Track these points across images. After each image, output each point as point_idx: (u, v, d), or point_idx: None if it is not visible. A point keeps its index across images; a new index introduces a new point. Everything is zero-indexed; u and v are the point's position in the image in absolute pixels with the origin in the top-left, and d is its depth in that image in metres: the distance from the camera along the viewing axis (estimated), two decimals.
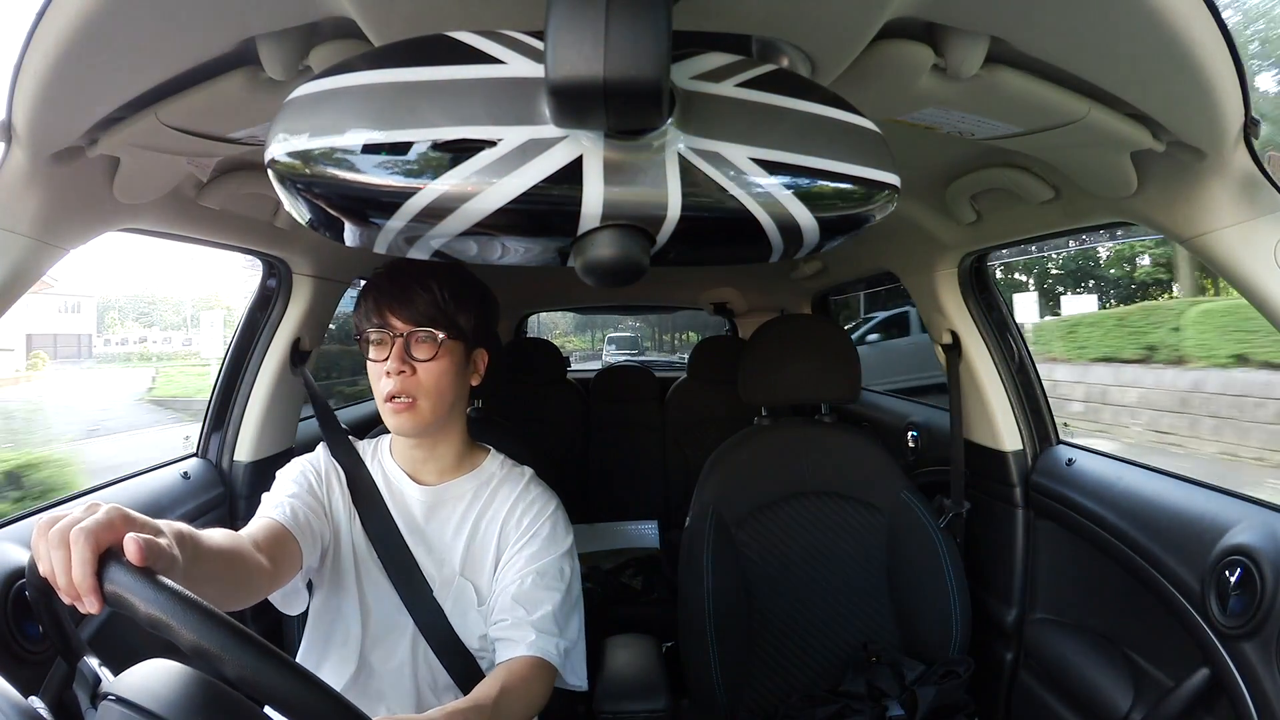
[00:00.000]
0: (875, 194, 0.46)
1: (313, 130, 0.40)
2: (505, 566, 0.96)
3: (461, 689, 0.95)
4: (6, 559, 0.83)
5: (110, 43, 0.57)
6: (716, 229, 0.45)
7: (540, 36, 0.40)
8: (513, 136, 0.40)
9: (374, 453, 1.04)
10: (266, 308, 1.42)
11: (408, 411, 0.91)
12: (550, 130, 0.41)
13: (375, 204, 0.41)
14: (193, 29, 0.58)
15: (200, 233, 1.10)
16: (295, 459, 1.02)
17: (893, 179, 0.46)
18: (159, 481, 1.23)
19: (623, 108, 0.38)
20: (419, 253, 0.46)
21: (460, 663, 0.95)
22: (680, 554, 1.32)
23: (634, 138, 0.41)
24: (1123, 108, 0.71)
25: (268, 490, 0.96)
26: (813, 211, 0.45)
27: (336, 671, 0.94)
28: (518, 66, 0.42)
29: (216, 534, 0.74)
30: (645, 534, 2.32)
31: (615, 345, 11.01)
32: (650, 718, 1.10)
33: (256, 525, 0.87)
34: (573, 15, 0.35)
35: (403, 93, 0.40)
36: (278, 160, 0.40)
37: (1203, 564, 0.95)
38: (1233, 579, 0.90)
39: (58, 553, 0.51)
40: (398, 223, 0.41)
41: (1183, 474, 1.13)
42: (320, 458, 1.02)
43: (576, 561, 1.00)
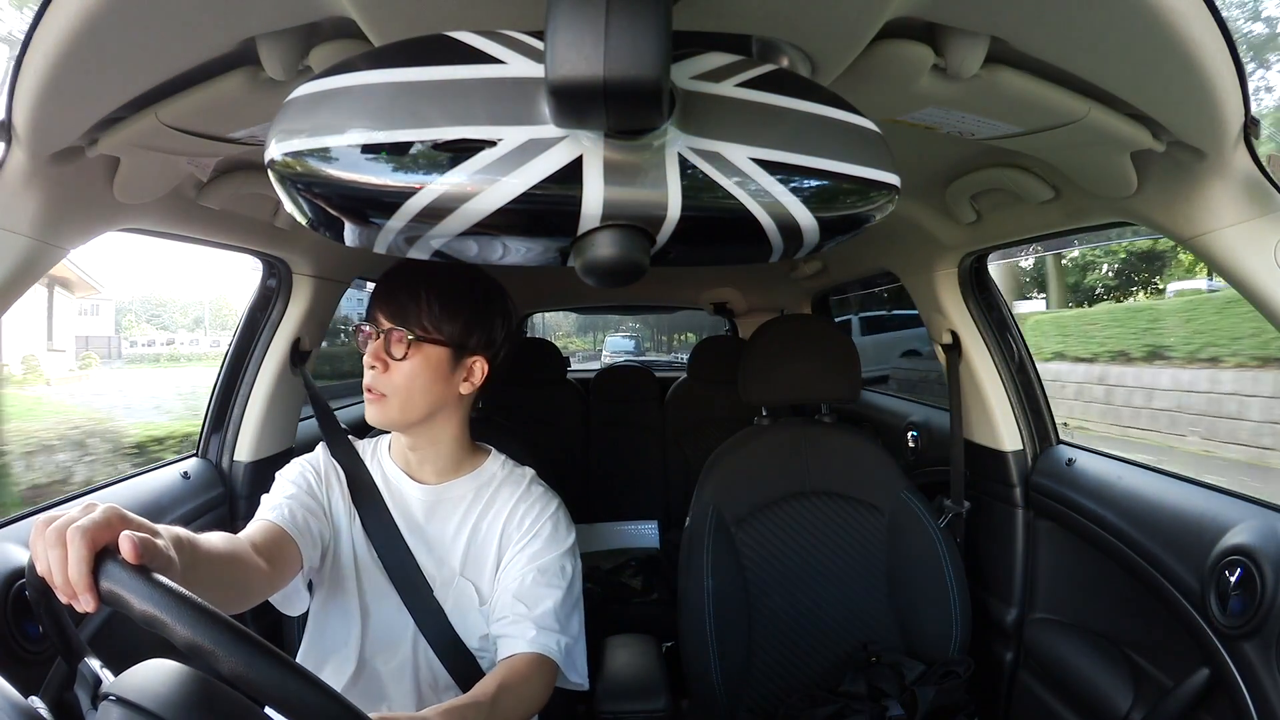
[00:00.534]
0: (875, 194, 0.46)
1: (313, 130, 0.40)
2: (507, 566, 0.96)
3: (462, 689, 0.95)
4: (6, 559, 0.83)
5: (110, 43, 0.57)
6: (716, 229, 0.45)
7: (540, 36, 0.40)
8: (513, 136, 0.40)
9: (373, 452, 1.04)
10: (266, 308, 1.42)
11: (377, 404, 0.93)
12: (550, 130, 0.41)
13: (375, 204, 0.41)
14: (193, 29, 0.58)
15: (200, 233, 1.10)
16: (295, 459, 1.02)
17: (893, 179, 0.46)
18: (159, 481, 1.23)
19: (623, 108, 0.38)
20: (419, 253, 0.46)
21: (460, 662, 0.95)
22: (680, 554, 1.32)
23: (634, 138, 0.41)
24: (1123, 108, 0.71)
25: (268, 490, 0.96)
26: (813, 211, 0.45)
27: (336, 671, 0.94)
28: (518, 66, 0.42)
29: (215, 538, 0.74)
30: (645, 534, 2.32)
31: (614, 347, 10.97)
32: (650, 718, 1.10)
33: (255, 528, 0.87)
34: (573, 15, 0.35)
35: (403, 93, 0.40)
36: (278, 160, 0.40)
37: (1203, 564, 0.95)
38: (1233, 579, 0.90)
39: (54, 551, 0.51)
40: (397, 223, 0.41)
41: (1183, 474, 1.13)
42: (320, 458, 1.02)
43: (578, 560, 1.00)
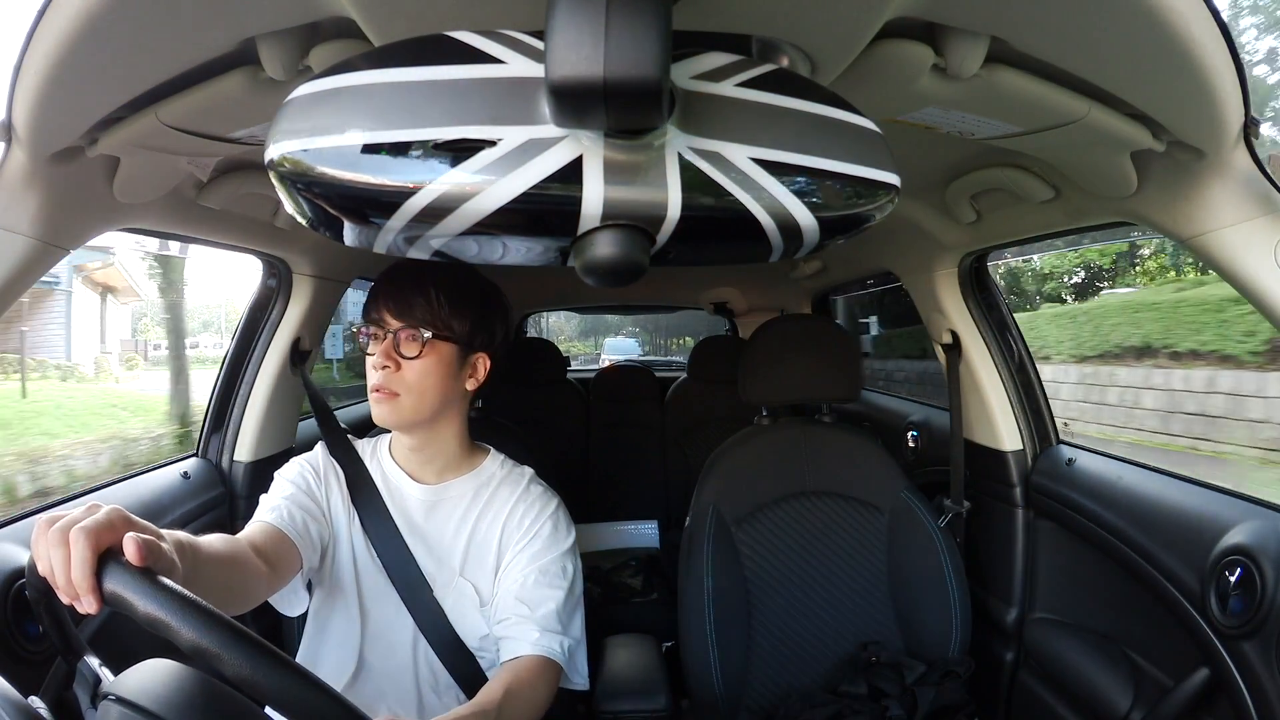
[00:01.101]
0: (875, 194, 0.46)
1: (313, 130, 0.40)
2: (507, 567, 0.96)
3: (462, 688, 0.95)
4: (6, 559, 0.83)
5: (110, 43, 0.57)
6: (716, 229, 0.45)
7: (540, 36, 0.40)
8: (513, 136, 0.40)
9: (373, 452, 1.04)
10: (266, 308, 1.42)
11: (388, 402, 0.92)
12: (550, 130, 0.41)
13: (375, 204, 0.41)
14: (193, 29, 0.58)
15: (200, 233, 1.11)
16: (293, 459, 1.02)
17: (893, 179, 0.46)
18: (159, 481, 1.23)
19: (623, 107, 0.38)
20: (419, 253, 0.46)
21: (461, 662, 0.95)
22: (680, 554, 1.32)
23: (634, 137, 0.41)
24: (1123, 108, 0.71)
25: (267, 490, 0.96)
26: (813, 211, 0.45)
27: (336, 671, 0.94)
28: (518, 66, 0.42)
29: (215, 540, 0.74)
30: (645, 534, 2.32)
31: (613, 350, 10.85)
32: (650, 718, 1.10)
33: (254, 529, 0.87)
34: (573, 15, 0.35)
35: (403, 93, 0.40)
36: (277, 160, 0.40)
37: (1203, 564, 0.95)
38: (1233, 579, 0.90)
39: (57, 552, 0.51)
40: (397, 223, 0.41)
41: (1183, 474, 1.13)
42: (319, 457, 1.02)
43: (579, 560, 1.00)
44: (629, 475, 2.59)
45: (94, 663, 0.55)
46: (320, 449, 1.03)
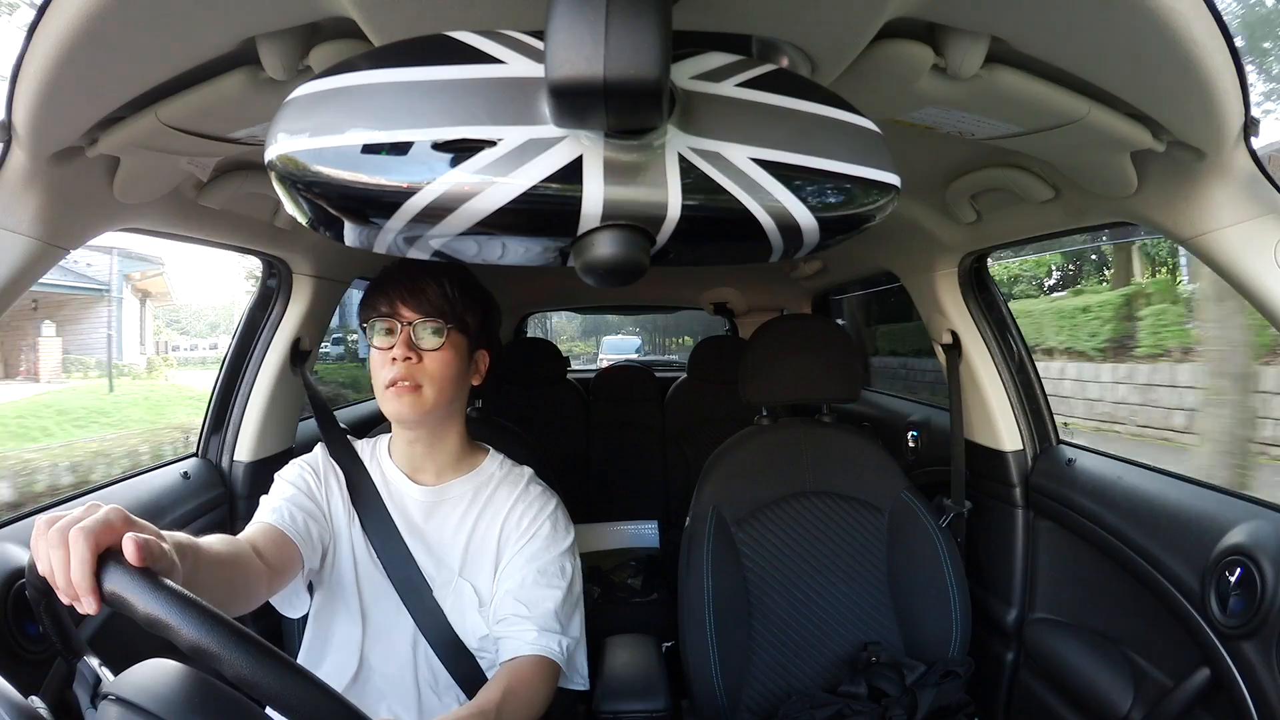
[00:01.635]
0: (875, 194, 0.46)
1: (313, 130, 0.40)
2: (506, 567, 0.96)
3: (462, 688, 0.95)
4: (6, 559, 0.83)
5: (110, 43, 0.57)
6: (716, 229, 0.45)
7: (540, 36, 0.40)
8: (513, 136, 0.40)
9: (372, 453, 1.04)
10: (266, 308, 1.42)
11: (411, 394, 0.91)
12: (550, 130, 0.41)
13: (375, 204, 0.41)
14: (193, 29, 0.58)
15: (200, 233, 1.10)
16: (293, 460, 1.02)
17: (893, 179, 0.46)
18: (159, 481, 1.23)
19: (623, 107, 0.38)
20: (419, 253, 0.46)
21: (460, 662, 0.95)
22: (680, 554, 1.32)
23: (634, 137, 0.41)
24: (1123, 108, 0.71)
25: (267, 491, 0.96)
26: (813, 211, 0.44)
27: (337, 672, 0.94)
28: (518, 66, 0.42)
29: (215, 541, 0.74)
30: (645, 534, 2.32)
31: (612, 349, 10.65)
32: (650, 718, 1.10)
33: (254, 530, 0.87)
34: (573, 15, 0.35)
35: (403, 93, 0.40)
36: (278, 160, 0.40)
37: (1203, 564, 0.95)
38: (1233, 579, 0.90)
39: (57, 552, 0.51)
40: (397, 223, 0.41)
41: (1183, 474, 1.13)
42: (319, 459, 1.02)
43: (578, 560, 1.00)
44: (629, 475, 2.59)
45: (94, 663, 0.55)
46: (320, 450, 1.03)
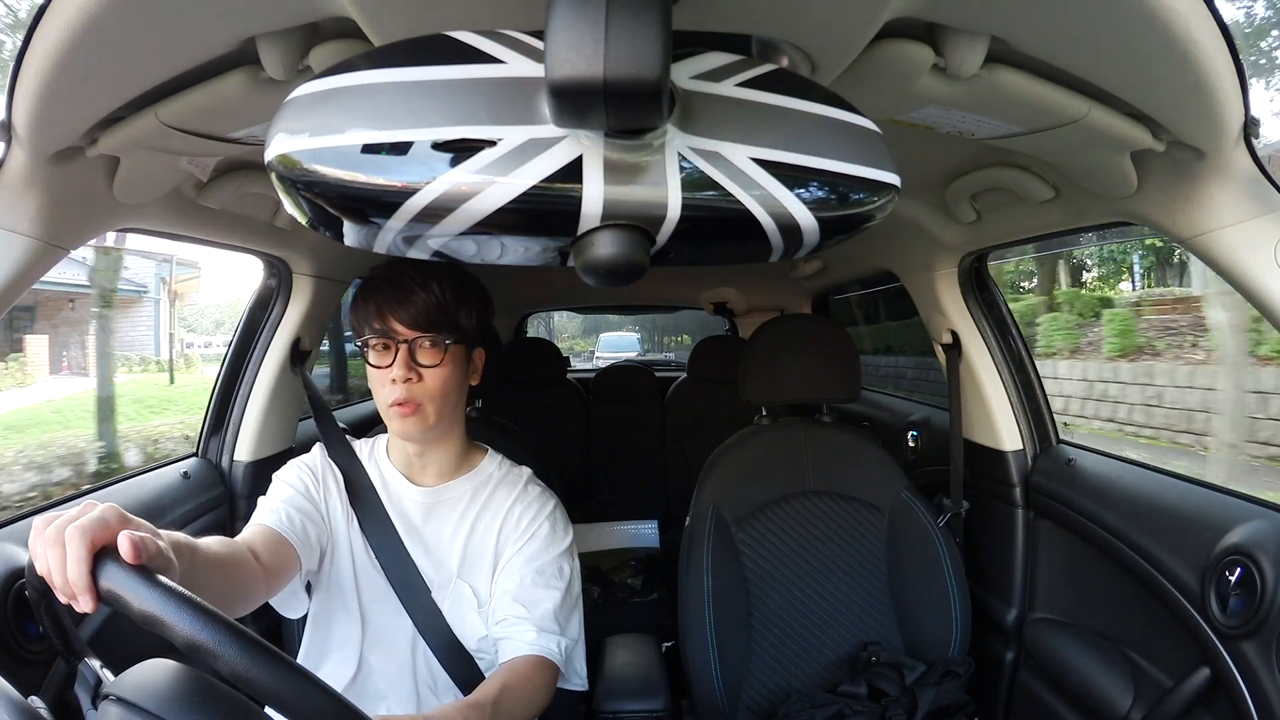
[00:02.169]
0: (875, 194, 0.46)
1: (313, 130, 0.40)
2: (505, 568, 0.96)
3: (461, 689, 0.95)
4: (6, 559, 0.83)
5: (110, 43, 0.57)
6: (716, 229, 0.45)
7: (540, 36, 0.40)
8: (513, 136, 0.40)
9: (370, 453, 1.03)
10: (266, 308, 1.42)
11: (414, 416, 0.90)
12: (550, 130, 0.41)
13: (375, 204, 0.40)
14: (193, 29, 0.58)
15: (200, 233, 1.10)
16: (291, 461, 1.01)
17: (893, 179, 0.46)
18: (159, 481, 1.23)
19: (623, 107, 0.38)
20: (419, 253, 0.46)
21: (459, 663, 0.95)
22: (680, 554, 1.32)
23: (634, 137, 0.41)
24: (1123, 108, 0.71)
25: (267, 491, 0.96)
26: (813, 211, 0.44)
27: (336, 672, 0.94)
28: (518, 66, 0.42)
29: (213, 542, 0.74)
30: (645, 534, 2.32)
31: (609, 347, 10.40)
32: (650, 718, 1.10)
33: (252, 531, 0.86)
34: (573, 15, 0.35)
35: (403, 92, 0.40)
36: (278, 160, 0.40)
37: (1203, 564, 0.95)
38: (1233, 579, 0.90)
39: (53, 551, 0.51)
40: (397, 223, 0.41)
41: (1183, 474, 1.13)
42: (317, 459, 1.01)
43: (576, 561, 1.00)
44: (629, 475, 2.59)
45: (94, 663, 0.55)
46: (318, 451, 1.03)
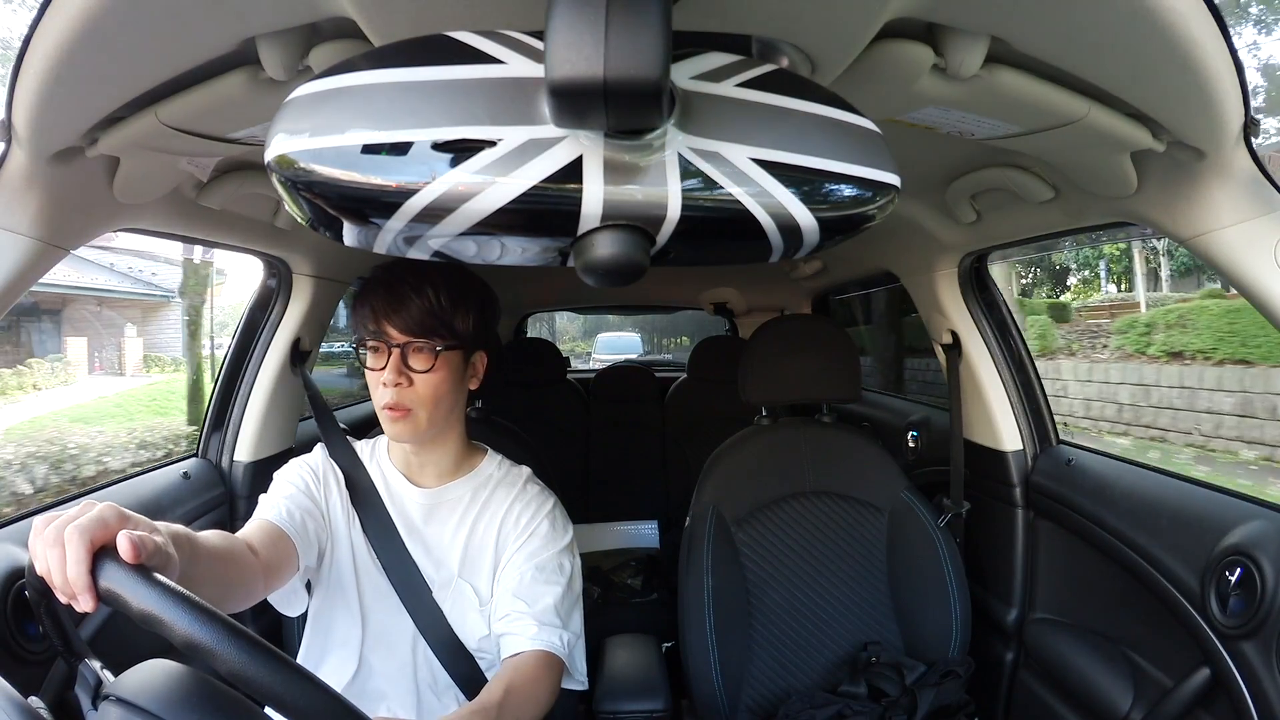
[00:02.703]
0: (875, 194, 0.46)
1: (313, 130, 0.40)
2: (505, 567, 0.96)
3: (461, 689, 0.95)
4: (6, 559, 0.83)
5: (110, 43, 0.57)
6: (717, 229, 0.45)
7: (540, 36, 0.40)
8: (513, 136, 0.40)
9: (372, 453, 1.04)
10: (266, 308, 1.42)
11: (404, 420, 0.90)
12: (550, 130, 0.41)
13: (375, 204, 0.40)
14: (193, 29, 0.58)
15: (200, 233, 1.10)
16: (293, 460, 1.01)
17: (893, 179, 0.46)
18: (159, 481, 1.23)
19: (623, 108, 0.38)
20: (419, 253, 0.46)
21: (460, 663, 0.95)
22: (680, 554, 1.32)
23: (634, 138, 0.41)
24: (1123, 108, 0.71)
25: (267, 490, 0.96)
26: (813, 212, 0.44)
27: (337, 672, 0.94)
28: (518, 66, 0.42)
29: (213, 536, 0.74)
30: (645, 534, 2.32)
31: (608, 348, 10.29)
32: (650, 718, 1.10)
33: (252, 527, 0.87)
34: (573, 15, 0.35)
35: (403, 93, 0.40)
36: (278, 160, 0.40)
37: (1203, 564, 0.95)
38: (1233, 579, 0.90)
39: (53, 551, 0.51)
40: (397, 223, 0.41)
41: (1183, 474, 1.13)
42: (318, 459, 1.01)
43: (577, 558, 1.00)
44: (629, 475, 2.59)
45: (94, 663, 0.55)
46: (320, 450, 1.03)
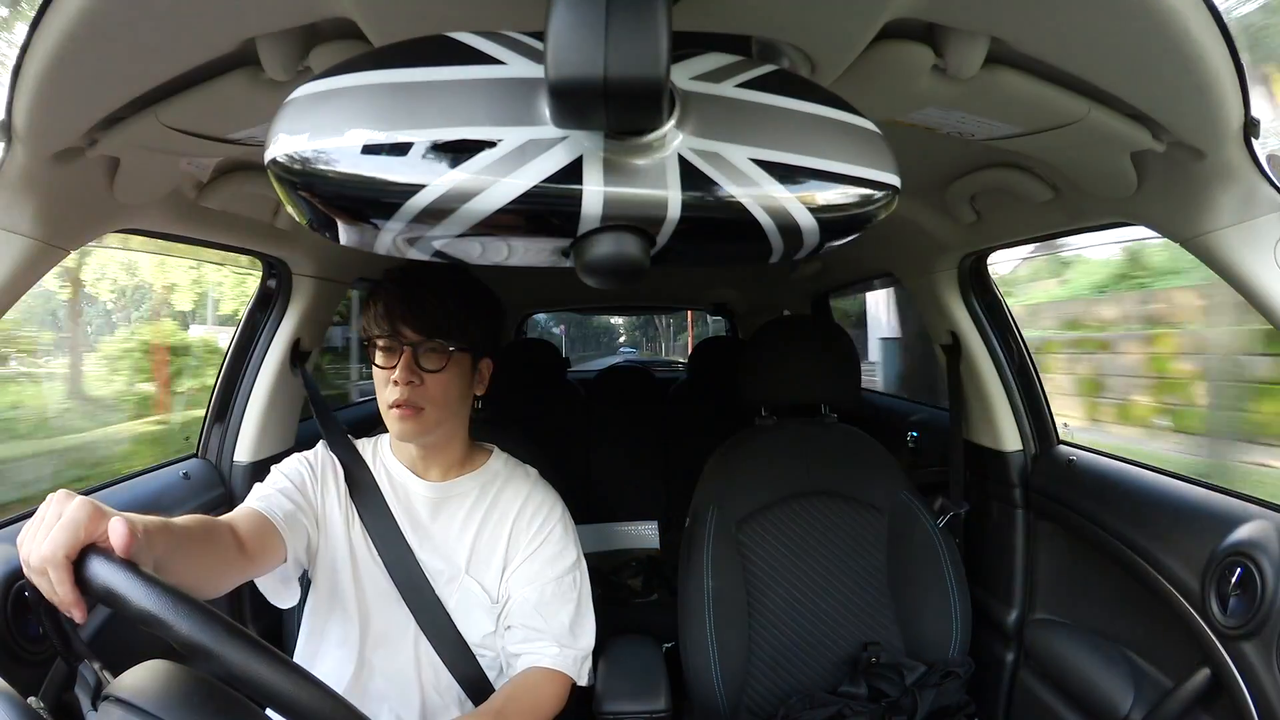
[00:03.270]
0: (875, 194, 0.46)
1: (312, 131, 0.40)
2: (517, 572, 0.96)
3: (463, 686, 0.95)
4: (6, 559, 0.83)
5: (110, 43, 0.57)
6: (717, 230, 0.45)
7: (540, 37, 0.40)
8: (513, 137, 0.40)
9: (374, 451, 1.04)
10: (266, 308, 1.42)
11: (412, 419, 0.91)
12: (550, 131, 0.41)
13: (375, 205, 0.40)
14: (193, 29, 0.58)
15: (200, 233, 1.10)
16: (293, 455, 1.02)
17: (893, 179, 0.46)
18: (159, 481, 1.23)
19: (623, 108, 0.38)
20: (419, 254, 0.46)
21: (461, 660, 0.95)
22: (680, 554, 1.32)
23: (634, 138, 0.41)
24: (1123, 108, 0.71)
25: None
26: (813, 212, 0.44)
27: (336, 671, 0.94)
28: (517, 67, 0.42)
29: (189, 520, 0.74)
30: (645, 534, 2.32)
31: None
32: (650, 718, 1.10)
33: (239, 514, 0.87)
34: (573, 15, 0.35)
35: (402, 93, 0.40)
36: (278, 161, 0.40)
37: (1203, 564, 0.95)
38: (1233, 579, 0.90)
39: (40, 579, 0.53)
40: (397, 224, 0.41)
41: (1183, 474, 1.13)
42: (319, 455, 1.02)
43: (584, 562, 1.01)
44: (629, 475, 2.59)
45: (94, 664, 0.55)
46: (321, 448, 1.03)
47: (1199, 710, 0.97)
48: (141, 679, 0.49)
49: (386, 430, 1.00)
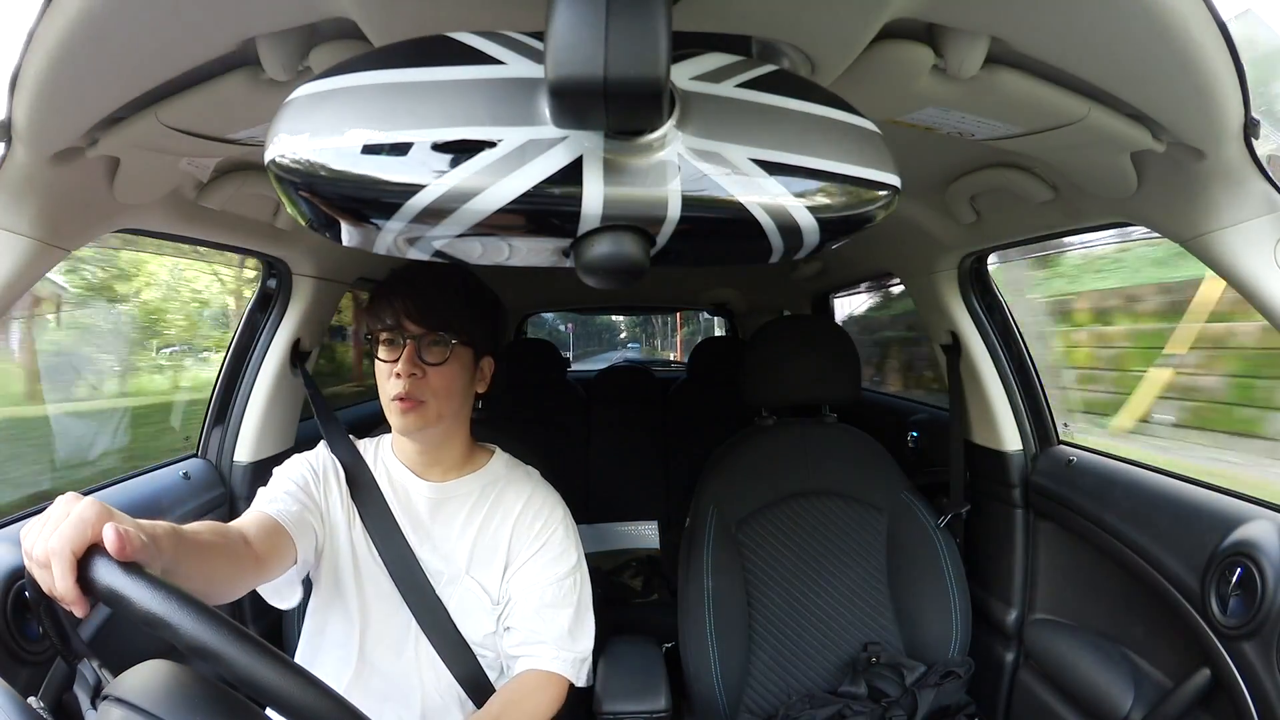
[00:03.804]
0: (876, 195, 0.46)
1: (313, 131, 0.40)
2: (519, 573, 0.96)
3: (463, 686, 0.95)
4: (6, 559, 0.83)
5: (110, 43, 0.57)
6: (717, 230, 0.45)
7: (540, 37, 0.40)
8: (513, 137, 0.40)
9: (375, 451, 1.04)
10: (266, 308, 1.42)
11: (414, 411, 0.91)
12: (550, 131, 0.41)
13: (375, 205, 0.40)
14: (193, 29, 0.58)
15: (200, 233, 1.10)
16: (294, 456, 1.02)
17: (893, 179, 0.46)
18: (159, 482, 1.23)
19: (623, 108, 0.38)
20: (419, 254, 0.46)
21: (461, 660, 0.95)
22: (680, 554, 1.32)
23: (634, 138, 0.41)
24: (1123, 108, 0.71)
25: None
26: (813, 212, 0.44)
27: (336, 671, 0.94)
28: (517, 67, 0.42)
29: (201, 528, 0.74)
30: (645, 534, 2.32)
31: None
32: (650, 718, 1.10)
33: (249, 519, 0.87)
34: (573, 15, 0.35)
35: (403, 93, 0.40)
36: (278, 161, 0.40)
37: (1202, 564, 0.95)
38: (1233, 579, 0.90)
39: (41, 572, 0.53)
40: (397, 224, 0.41)
41: (1183, 474, 1.13)
42: (320, 456, 1.02)
43: (585, 564, 1.01)
44: (629, 476, 2.59)
45: (94, 664, 0.55)
46: (322, 448, 1.03)
47: (1199, 710, 0.97)
48: (141, 678, 0.49)
49: (387, 430, 1.00)
